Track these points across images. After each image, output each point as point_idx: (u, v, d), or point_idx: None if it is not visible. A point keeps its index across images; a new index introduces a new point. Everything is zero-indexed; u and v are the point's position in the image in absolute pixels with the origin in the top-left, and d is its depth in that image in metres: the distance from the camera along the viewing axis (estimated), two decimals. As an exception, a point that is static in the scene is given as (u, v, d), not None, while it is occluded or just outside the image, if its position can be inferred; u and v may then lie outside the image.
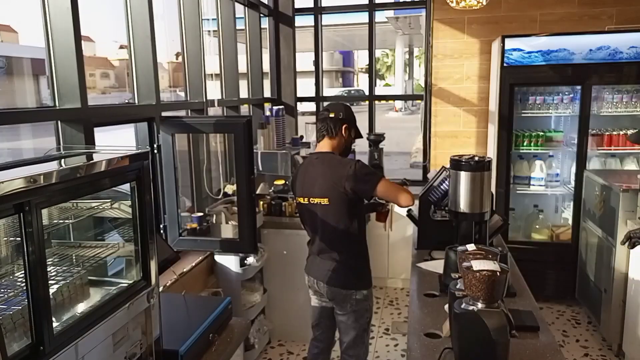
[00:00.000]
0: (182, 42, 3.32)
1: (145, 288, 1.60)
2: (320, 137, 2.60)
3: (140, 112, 2.85)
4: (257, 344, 3.44)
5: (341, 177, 2.41)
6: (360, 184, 2.41)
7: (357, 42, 24.45)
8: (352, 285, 2.53)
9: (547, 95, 4.23)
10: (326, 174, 2.47)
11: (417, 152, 9.92)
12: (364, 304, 2.56)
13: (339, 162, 2.48)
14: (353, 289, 2.52)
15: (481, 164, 2.40)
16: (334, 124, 2.54)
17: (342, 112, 2.57)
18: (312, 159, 2.62)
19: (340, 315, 2.60)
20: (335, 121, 2.55)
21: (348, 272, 2.53)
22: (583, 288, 4.10)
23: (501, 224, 2.80)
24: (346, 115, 2.57)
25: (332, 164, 2.49)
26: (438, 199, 2.88)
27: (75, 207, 1.63)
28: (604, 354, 3.55)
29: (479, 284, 1.54)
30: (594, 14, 4.38)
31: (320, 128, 2.59)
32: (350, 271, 2.53)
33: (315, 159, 2.58)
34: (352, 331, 2.59)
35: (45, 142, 2.66)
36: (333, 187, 2.43)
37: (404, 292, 4.70)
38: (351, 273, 2.53)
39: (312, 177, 2.54)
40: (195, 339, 1.82)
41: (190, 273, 2.91)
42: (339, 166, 2.45)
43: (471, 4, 3.37)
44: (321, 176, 2.49)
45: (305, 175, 2.59)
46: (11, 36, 3.20)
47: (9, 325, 1.22)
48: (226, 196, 3.50)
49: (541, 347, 1.82)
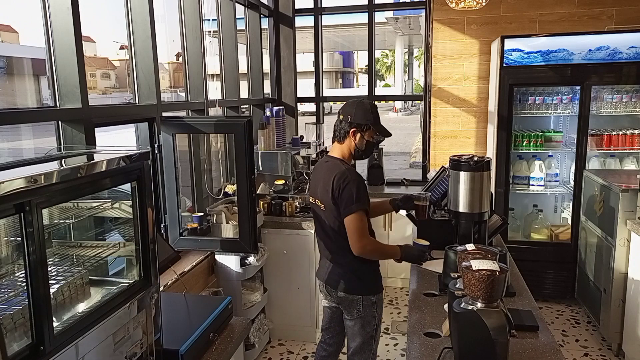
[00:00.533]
0: (183, 42, 3.32)
1: (145, 288, 1.60)
2: (332, 139, 2.53)
3: (141, 113, 2.86)
4: (258, 343, 3.44)
5: (330, 189, 2.37)
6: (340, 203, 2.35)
7: (356, 43, 24.48)
8: (358, 291, 2.46)
9: (546, 96, 4.23)
10: (325, 180, 2.43)
11: (417, 152, 9.95)
12: (370, 311, 2.49)
13: (336, 173, 2.38)
14: (359, 294, 2.46)
15: (480, 164, 2.41)
16: (341, 129, 2.44)
17: (352, 115, 2.40)
18: (323, 161, 2.59)
19: (347, 320, 2.55)
20: (342, 125, 2.43)
21: (354, 278, 2.47)
22: (582, 288, 4.11)
23: (500, 224, 2.80)
24: (357, 118, 2.40)
25: (331, 171, 2.41)
26: (438, 198, 2.88)
27: (75, 207, 1.64)
28: (603, 354, 3.56)
29: (478, 283, 1.54)
30: (593, 14, 4.38)
31: (333, 130, 2.51)
32: (355, 276, 2.47)
33: (325, 162, 2.54)
34: (358, 337, 2.54)
35: (45, 142, 2.66)
36: (326, 194, 2.40)
37: (404, 291, 4.71)
38: (357, 278, 2.47)
39: (317, 179, 2.53)
40: (196, 338, 1.82)
41: (191, 273, 2.92)
42: (334, 178, 2.37)
43: (471, 4, 3.38)
44: (322, 180, 2.46)
45: (315, 174, 2.61)
46: (11, 36, 3.20)
47: (9, 325, 1.23)
48: (226, 196, 3.50)
49: (541, 347, 1.82)
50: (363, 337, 2.54)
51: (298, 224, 3.66)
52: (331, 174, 2.39)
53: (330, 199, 2.38)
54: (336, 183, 2.35)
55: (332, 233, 2.46)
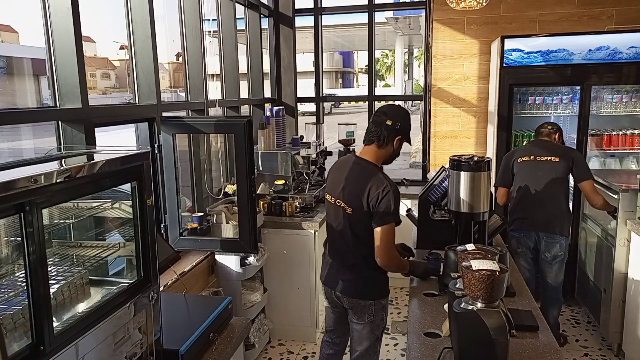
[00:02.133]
0: (183, 42, 3.32)
1: (145, 288, 1.60)
2: (368, 140, 2.42)
3: (141, 113, 2.86)
4: (258, 343, 3.44)
5: (365, 195, 2.31)
6: (375, 212, 2.30)
7: (356, 43, 24.47)
8: (370, 296, 2.45)
9: (546, 96, 4.23)
10: (359, 184, 2.35)
11: (417, 152, 9.94)
12: (381, 314, 2.49)
13: (374, 180, 2.32)
14: (372, 299, 2.45)
15: (480, 164, 2.41)
16: (388, 133, 2.36)
17: (401, 122, 2.37)
18: (352, 161, 2.47)
19: (355, 324, 2.52)
20: (390, 130, 2.36)
21: (367, 283, 2.45)
22: (582, 288, 4.11)
23: (500, 224, 2.81)
24: (403, 125, 2.38)
25: (367, 176, 2.35)
26: (437, 198, 2.88)
27: (75, 207, 1.64)
28: (603, 354, 3.56)
29: (478, 283, 1.54)
30: (593, 14, 4.38)
31: (372, 131, 2.40)
32: (369, 281, 2.45)
33: (356, 164, 2.43)
34: (366, 341, 2.52)
35: (45, 142, 2.66)
36: (357, 199, 2.34)
37: (404, 291, 4.70)
38: (371, 283, 2.45)
39: (343, 179, 2.44)
40: (196, 338, 1.82)
41: (191, 272, 2.92)
42: (372, 185, 2.31)
43: (471, 4, 3.37)
44: (353, 183, 2.38)
45: (340, 173, 2.49)
46: (11, 36, 3.20)
47: (9, 325, 1.23)
48: (227, 196, 3.50)
49: (540, 347, 1.82)
50: (371, 340, 2.52)
51: (298, 224, 3.66)
52: (367, 179, 2.33)
53: (363, 204, 2.32)
54: (374, 191, 2.29)
55: (353, 238, 2.41)
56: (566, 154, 3.37)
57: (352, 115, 18.42)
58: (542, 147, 3.46)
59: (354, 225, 2.39)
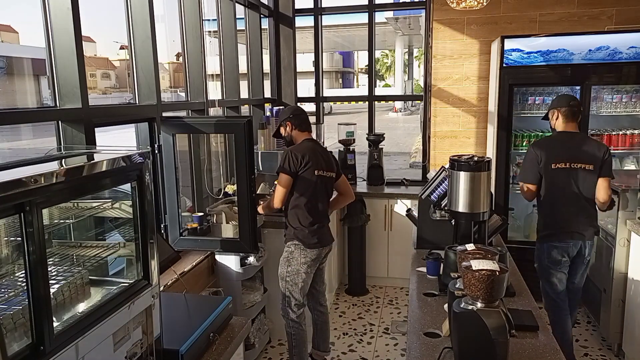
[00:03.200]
0: (183, 42, 3.32)
1: (145, 288, 1.60)
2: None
3: (141, 113, 2.86)
4: (258, 343, 3.44)
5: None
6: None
7: (356, 43, 24.48)
8: None
9: (546, 96, 4.23)
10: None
11: (417, 152, 9.95)
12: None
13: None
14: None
15: (480, 164, 2.41)
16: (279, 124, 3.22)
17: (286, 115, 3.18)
18: (315, 144, 3.22)
19: (323, 264, 3.23)
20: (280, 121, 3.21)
21: None
22: (583, 288, 4.10)
23: (500, 224, 2.80)
24: (285, 116, 3.16)
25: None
26: (437, 199, 2.88)
27: (76, 207, 1.64)
28: (603, 354, 3.56)
29: (478, 283, 1.55)
30: (593, 14, 4.38)
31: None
32: None
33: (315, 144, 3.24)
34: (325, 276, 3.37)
35: (45, 142, 2.66)
36: (332, 167, 3.22)
37: (404, 291, 4.70)
38: None
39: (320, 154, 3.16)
40: (196, 338, 1.83)
41: (191, 272, 2.92)
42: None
43: (471, 4, 3.37)
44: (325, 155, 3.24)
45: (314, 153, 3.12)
46: (11, 36, 3.20)
47: (9, 325, 1.23)
48: (227, 196, 3.50)
49: (540, 347, 1.82)
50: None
51: (298, 224, 3.65)
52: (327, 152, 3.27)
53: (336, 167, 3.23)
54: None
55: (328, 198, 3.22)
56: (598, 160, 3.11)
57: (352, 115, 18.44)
58: (575, 147, 3.15)
59: (330, 189, 3.25)
